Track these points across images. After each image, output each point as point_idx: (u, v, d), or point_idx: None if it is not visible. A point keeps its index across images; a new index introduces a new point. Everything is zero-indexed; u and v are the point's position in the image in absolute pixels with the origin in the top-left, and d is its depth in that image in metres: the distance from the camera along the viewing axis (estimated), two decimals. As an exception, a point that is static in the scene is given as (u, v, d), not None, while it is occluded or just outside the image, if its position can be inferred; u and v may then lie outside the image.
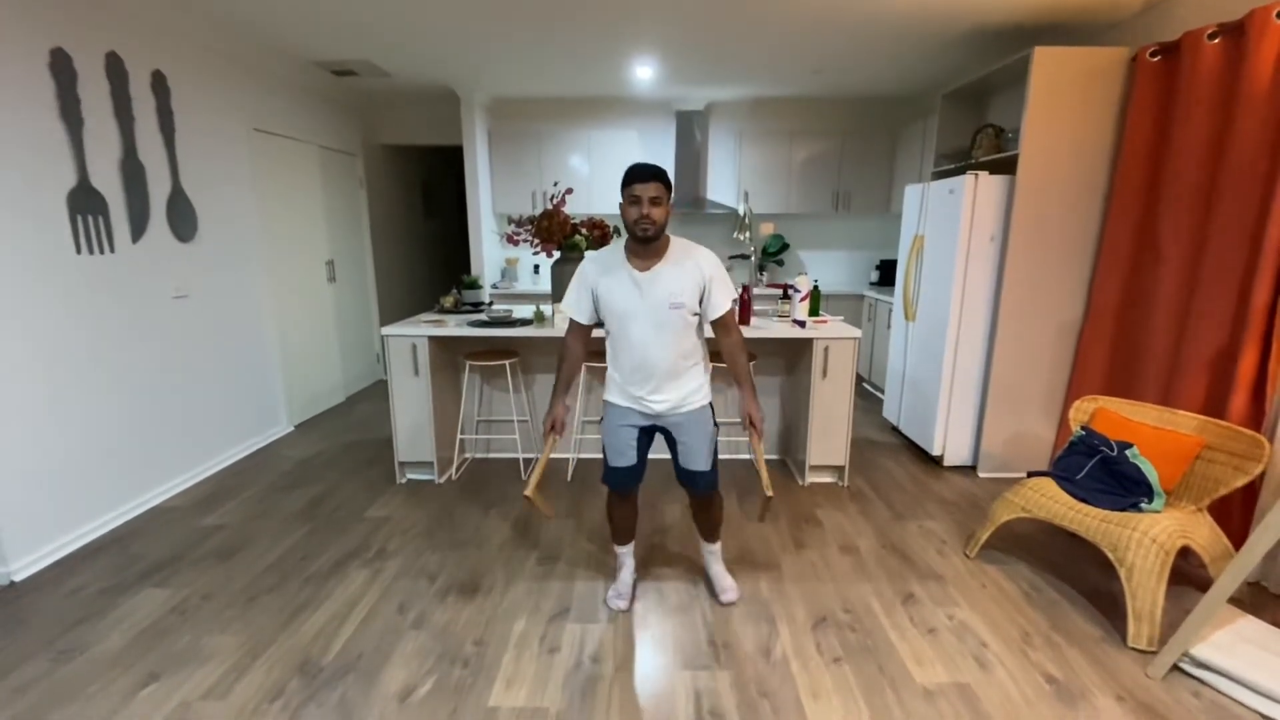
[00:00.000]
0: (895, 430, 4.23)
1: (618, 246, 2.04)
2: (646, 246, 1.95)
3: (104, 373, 2.87)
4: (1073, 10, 3.26)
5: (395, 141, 5.67)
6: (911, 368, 3.94)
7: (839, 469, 3.37)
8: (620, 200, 1.92)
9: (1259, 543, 1.80)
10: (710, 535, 2.35)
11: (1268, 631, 2.04)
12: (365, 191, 5.37)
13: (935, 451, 3.63)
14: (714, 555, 2.38)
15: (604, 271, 2.02)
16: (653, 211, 1.86)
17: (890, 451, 3.92)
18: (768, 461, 3.64)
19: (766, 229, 5.64)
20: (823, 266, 5.96)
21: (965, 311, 3.43)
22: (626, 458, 2.13)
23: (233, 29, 3.58)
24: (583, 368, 2.15)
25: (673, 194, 1.97)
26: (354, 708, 1.80)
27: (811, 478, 3.39)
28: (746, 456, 3.74)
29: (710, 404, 2.14)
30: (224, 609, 2.28)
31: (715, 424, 2.16)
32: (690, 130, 5.38)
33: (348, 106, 5.12)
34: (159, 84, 3.17)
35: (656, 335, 1.97)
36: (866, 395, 5.19)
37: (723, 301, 2.03)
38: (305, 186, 4.55)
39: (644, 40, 3.81)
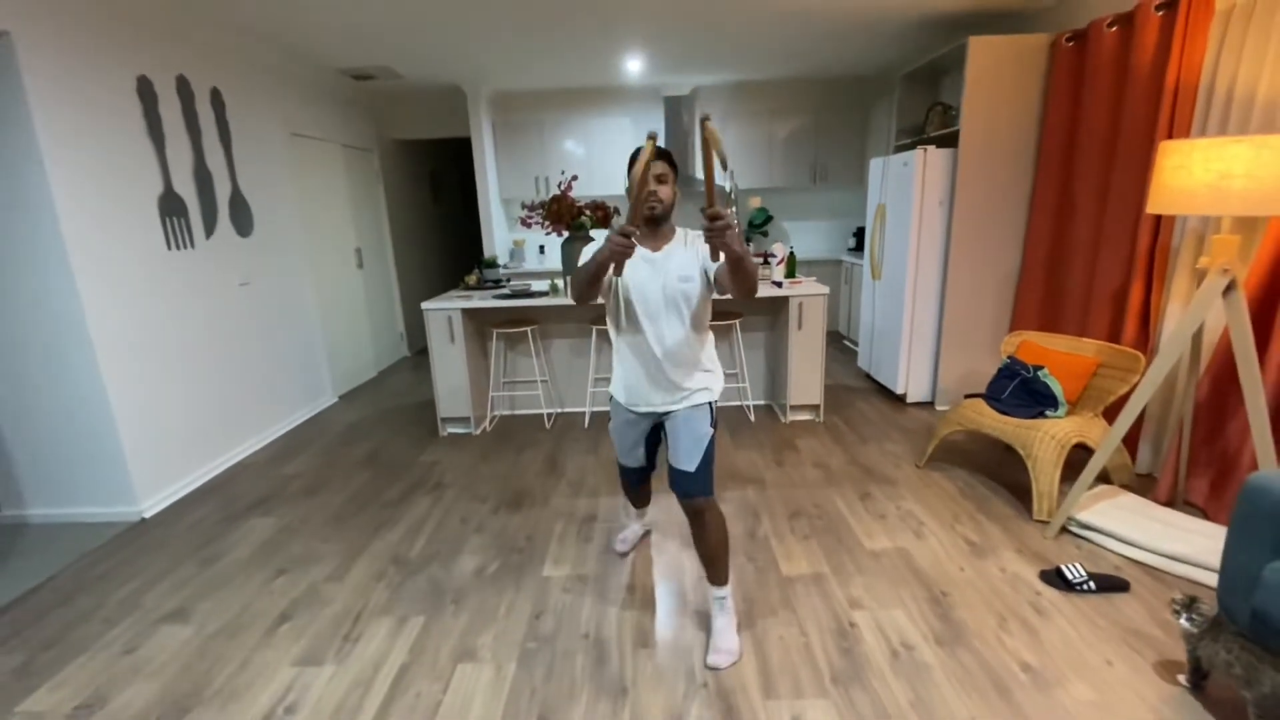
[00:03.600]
0: (868, 377, 4.80)
1: None
2: (656, 229, 1.90)
3: (194, 349, 3.42)
4: (1002, 2, 3.76)
5: (406, 136, 6.14)
6: (879, 320, 4.50)
7: (816, 407, 3.95)
8: (626, 184, 1.91)
9: (1116, 430, 2.39)
10: (713, 572, 2.00)
11: (1139, 502, 2.63)
12: (382, 184, 5.87)
13: (899, 390, 4.21)
14: (720, 604, 2.01)
15: None
16: (660, 190, 1.84)
17: (862, 394, 4.50)
18: (755, 406, 4.22)
19: (754, 203, 6.19)
20: (804, 235, 6.49)
21: (920, 268, 3.98)
22: (634, 459, 2.19)
23: (274, 46, 4.07)
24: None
25: (678, 175, 1.92)
26: (441, 581, 2.40)
27: (793, 416, 3.97)
28: (738, 402, 4.31)
29: (711, 404, 2.00)
30: (321, 528, 2.87)
31: (713, 426, 1.98)
32: (678, 114, 5.87)
33: (364, 107, 5.60)
34: (216, 99, 3.67)
35: (668, 313, 1.90)
36: (847, 351, 5.76)
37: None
38: (333, 182, 5.06)
39: (632, 34, 4.30)
